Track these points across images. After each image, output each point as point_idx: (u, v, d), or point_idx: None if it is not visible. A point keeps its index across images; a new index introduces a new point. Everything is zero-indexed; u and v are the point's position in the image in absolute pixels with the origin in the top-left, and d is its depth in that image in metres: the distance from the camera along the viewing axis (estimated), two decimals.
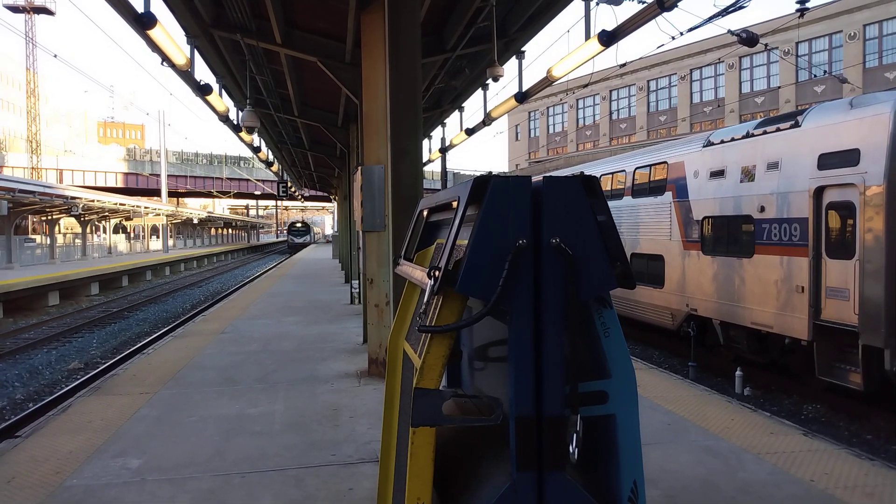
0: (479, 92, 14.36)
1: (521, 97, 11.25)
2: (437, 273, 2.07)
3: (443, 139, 19.99)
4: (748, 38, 10.15)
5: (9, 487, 4.66)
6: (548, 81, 10.00)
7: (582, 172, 2.26)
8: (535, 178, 2.09)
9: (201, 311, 19.69)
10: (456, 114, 17.05)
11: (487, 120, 13.96)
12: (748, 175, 10.76)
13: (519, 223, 2.02)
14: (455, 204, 2.29)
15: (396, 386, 2.96)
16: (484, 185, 2.05)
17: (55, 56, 18.25)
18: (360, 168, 7.99)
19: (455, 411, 2.81)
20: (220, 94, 12.86)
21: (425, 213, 3.22)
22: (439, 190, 3.64)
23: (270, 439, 5.69)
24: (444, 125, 19.29)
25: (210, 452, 5.35)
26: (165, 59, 8.67)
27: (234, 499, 4.43)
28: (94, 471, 4.96)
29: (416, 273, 2.59)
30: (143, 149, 79.82)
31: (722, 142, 11.63)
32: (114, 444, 5.57)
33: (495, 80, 10.46)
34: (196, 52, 10.64)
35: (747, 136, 10.97)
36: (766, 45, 15.73)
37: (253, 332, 11.64)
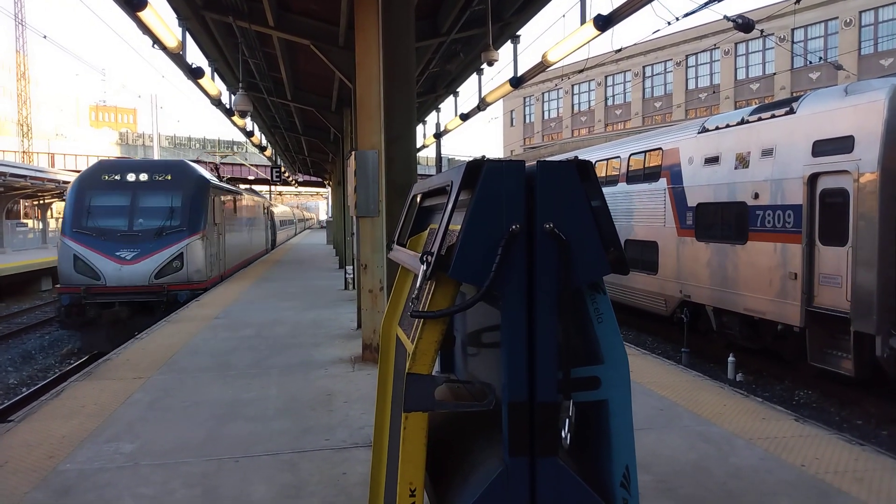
0: (474, 77, 14.29)
1: (516, 82, 11.19)
2: (429, 258, 2.05)
3: (437, 124, 19.89)
4: (744, 24, 10.12)
5: (1, 472, 4.65)
6: (543, 66, 9.94)
7: (576, 157, 2.24)
8: (528, 163, 2.07)
9: (195, 296, 19.63)
10: (451, 98, 16.97)
11: (482, 105, 13.90)
12: (742, 162, 10.76)
13: (512, 208, 2.00)
14: (448, 188, 2.27)
15: (389, 371, 2.96)
16: (477, 170, 2.03)
17: (45, 37, 18.02)
18: (353, 153, 7.94)
19: (448, 397, 2.81)
20: (213, 78, 12.75)
21: (419, 198, 3.20)
22: (433, 175, 3.60)
23: (264, 424, 5.69)
24: (438, 110, 19.20)
25: (203, 437, 5.35)
26: (156, 41, 8.57)
27: (227, 483, 4.44)
28: (87, 455, 4.96)
29: (409, 258, 2.57)
30: (135, 133, 79.03)
31: (717, 128, 11.61)
32: (107, 429, 5.56)
33: (490, 64, 10.39)
34: (188, 35, 10.50)
35: (742, 122, 10.95)
36: (761, 31, 15.67)
37: (247, 318, 11.62)
